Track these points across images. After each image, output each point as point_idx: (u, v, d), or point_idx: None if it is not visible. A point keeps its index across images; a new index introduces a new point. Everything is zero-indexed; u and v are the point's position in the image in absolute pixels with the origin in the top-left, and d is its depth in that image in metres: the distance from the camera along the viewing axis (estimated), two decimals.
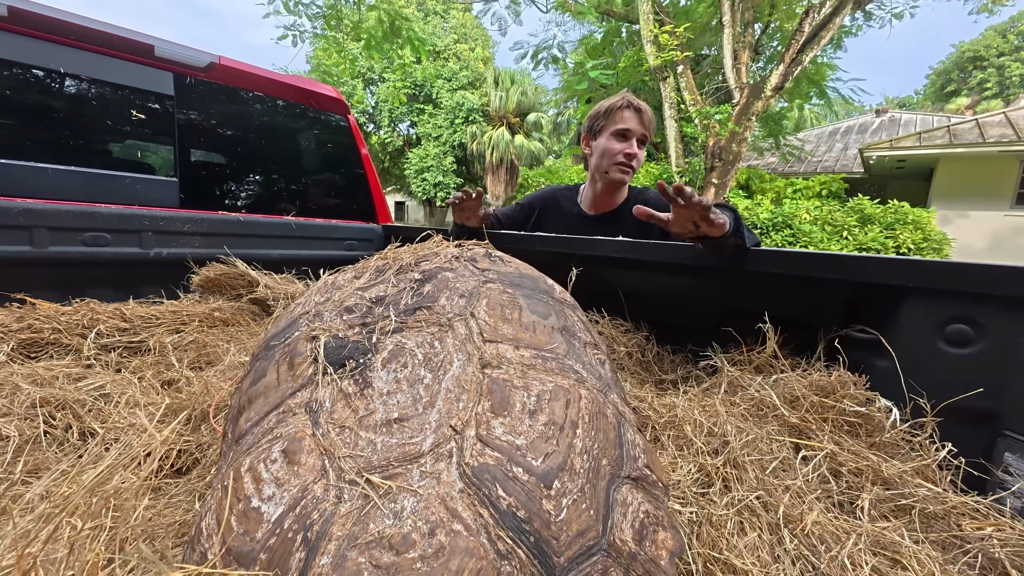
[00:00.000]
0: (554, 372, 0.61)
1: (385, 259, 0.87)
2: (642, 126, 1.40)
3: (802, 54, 8.31)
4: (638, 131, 1.40)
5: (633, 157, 1.40)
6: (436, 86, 27.01)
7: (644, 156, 1.46)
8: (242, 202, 1.74)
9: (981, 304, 0.68)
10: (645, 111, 1.40)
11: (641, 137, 1.41)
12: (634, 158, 1.41)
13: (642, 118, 1.39)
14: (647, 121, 1.40)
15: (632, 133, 1.40)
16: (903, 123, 15.80)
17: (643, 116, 1.40)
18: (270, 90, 1.76)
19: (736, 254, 0.93)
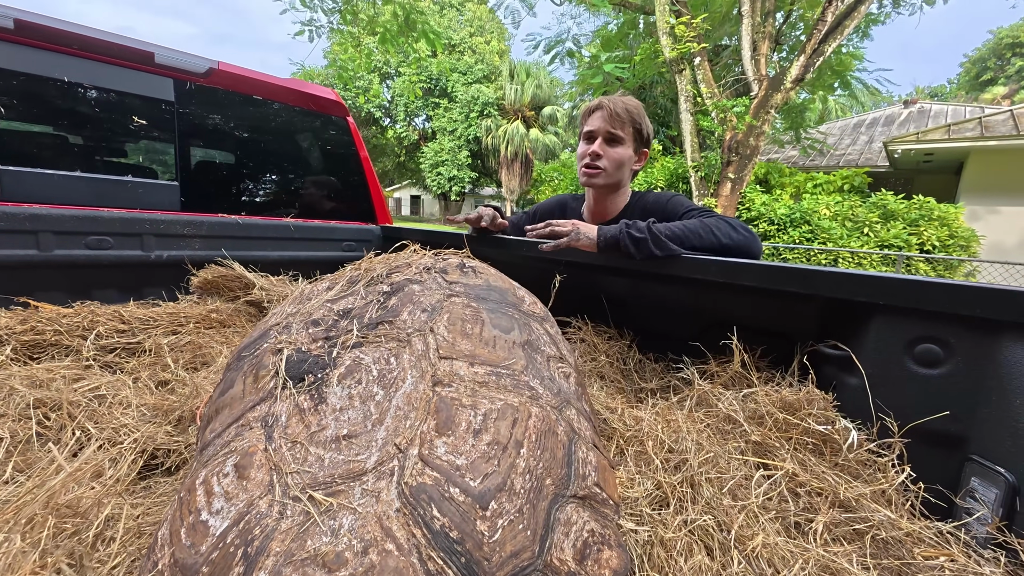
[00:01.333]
0: (506, 390, 0.61)
1: (359, 269, 0.88)
2: (608, 123, 1.32)
3: (825, 44, 8.03)
4: (602, 129, 1.33)
5: (598, 157, 1.33)
6: (451, 80, 27.00)
7: (625, 153, 1.35)
8: (242, 205, 1.78)
9: (949, 324, 0.66)
10: (613, 106, 1.32)
11: (608, 135, 1.33)
12: (599, 158, 1.33)
13: (605, 114, 1.32)
14: (614, 115, 1.31)
15: (596, 133, 1.35)
16: (933, 114, 15.18)
17: (607, 112, 1.32)
18: (269, 94, 1.80)
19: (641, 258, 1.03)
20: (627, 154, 1.37)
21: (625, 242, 1.05)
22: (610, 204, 1.47)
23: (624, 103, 1.35)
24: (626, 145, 1.36)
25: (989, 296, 0.62)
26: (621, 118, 1.33)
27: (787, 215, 8.73)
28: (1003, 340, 0.62)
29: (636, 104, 1.39)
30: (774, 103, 8.43)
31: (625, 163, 1.37)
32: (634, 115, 1.36)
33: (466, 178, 28.02)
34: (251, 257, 1.73)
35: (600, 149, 1.35)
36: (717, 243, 1.05)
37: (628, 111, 1.34)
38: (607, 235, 1.09)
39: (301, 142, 1.95)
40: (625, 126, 1.35)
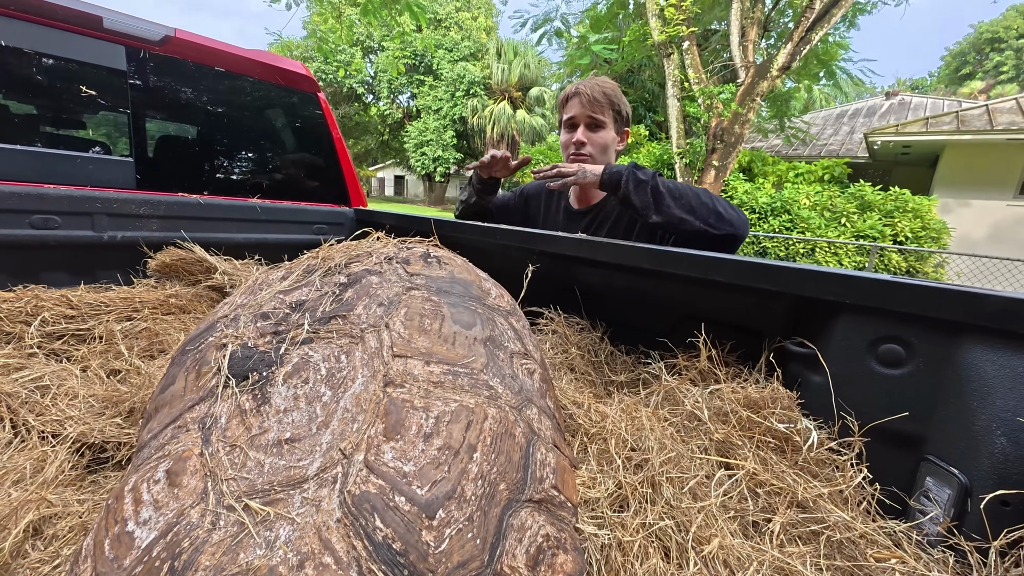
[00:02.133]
0: (463, 390, 0.59)
1: (316, 258, 0.84)
2: (588, 108, 1.30)
3: (812, 32, 8.03)
4: (582, 115, 1.32)
5: (582, 145, 1.33)
6: (437, 56, 26.26)
7: (608, 137, 1.33)
8: (203, 184, 1.68)
9: (912, 324, 0.66)
10: (590, 92, 1.30)
11: (589, 121, 1.32)
12: (584, 145, 1.32)
13: (583, 100, 1.30)
14: (592, 100, 1.29)
15: (577, 120, 1.33)
16: (913, 107, 15.44)
17: (585, 98, 1.30)
18: (232, 65, 1.69)
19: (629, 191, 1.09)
20: (610, 137, 1.36)
21: (627, 180, 1.08)
22: (593, 191, 1.45)
23: (600, 86, 1.33)
24: (608, 128, 1.35)
25: (951, 298, 0.62)
26: (600, 102, 1.31)
27: (768, 204, 8.84)
28: (963, 342, 0.62)
29: (612, 85, 1.36)
30: (760, 91, 8.44)
31: (609, 146, 1.36)
32: (611, 97, 1.34)
33: (451, 159, 27.55)
34: (214, 239, 1.65)
35: (584, 136, 1.34)
36: (714, 209, 1.08)
37: (605, 94, 1.32)
38: (611, 171, 1.12)
39: (268, 118, 1.85)
40: (605, 109, 1.33)
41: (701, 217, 1.09)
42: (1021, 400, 0.56)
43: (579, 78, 13.75)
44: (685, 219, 1.09)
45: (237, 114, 1.77)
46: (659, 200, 1.10)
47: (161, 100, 1.61)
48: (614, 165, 1.13)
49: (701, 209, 1.10)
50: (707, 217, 1.09)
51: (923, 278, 0.68)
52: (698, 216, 1.09)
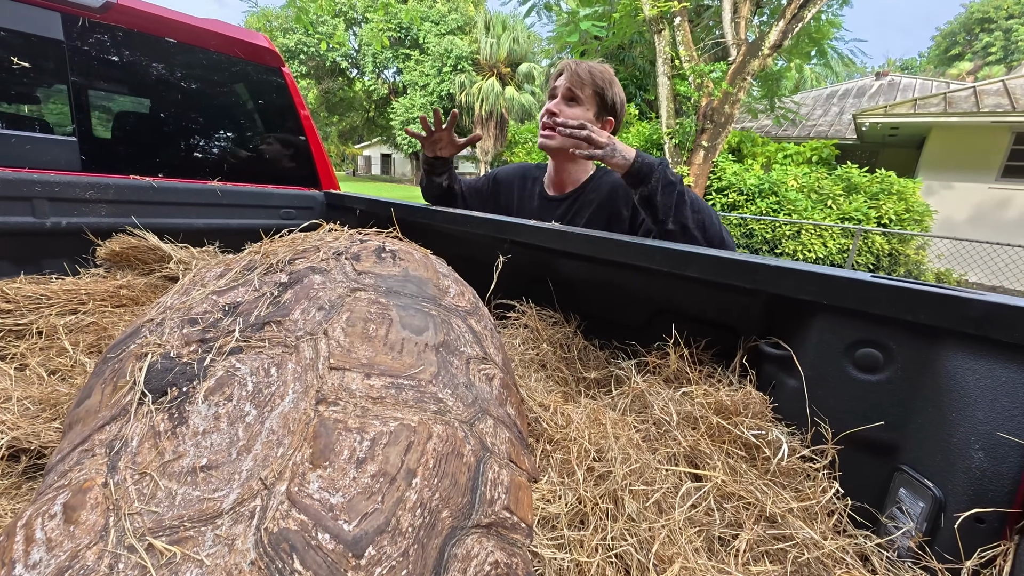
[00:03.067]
0: (406, 405, 0.54)
1: (258, 252, 0.77)
2: (568, 82, 1.25)
3: (805, 9, 7.87)
4: (562, 87, 1.26)
5: (552, 115, 1.25)
6: (423, 30, 25.35)
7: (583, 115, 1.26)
8: (158, 166, 1.57)
9: (891, 328, 0.62)
10: (577, 68, 1.25)
11: (567, 94, 1.26)
12: (554, 116, 1.25)
13: (569, 75, 1.25)
14: (577, 75, 1.24)
15: (556, 91, 1.27)
16: (902, 87, 15.42)
17: (571, 72, 1.25)
18: (185, 36, 1.56)
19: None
20: (585, 116, 1.27)
21: (659, 178, 1.00)
22: (569, 175, 1.38)
23: (589, 66, 1.27)
24: (584, 107, 1.28)
25: (932, 301, 0.58)
26: (582, 79, 1.25)
27: (756, 186, 8.82)
28: (942, 349, 0.58)
29: (604, 69, 1.30)
30: (751, 69, 8.31)
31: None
32: (596, 78, 1.27)
33: None
34: (171, 226, 1.55)
35: (556, 107, 1.27)
36: (719, 233, 1.05)
37: (591, 73, 1.26)
38: (644, 161, 1.03)
39: (227, 94, 1.73)
40: (585, 87, 1.27)
41: (708, 238, 1.04)
42: (1001, 413, 0.53)
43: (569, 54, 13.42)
44: (695, 237, 1.03)
45: (192, 90, 1.65)
46: (681, 208, 1.02)
47: (105, 74, 1.48)
48: (647, 155, 1.04)
49: (711, 230, 1.05)
50: (712, 240, 1.05)
51: (903, 278, 0.63)
52: (707, 236, 1.04)
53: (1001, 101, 8.86)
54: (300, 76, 28.88)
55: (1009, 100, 8.80)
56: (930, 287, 0.59)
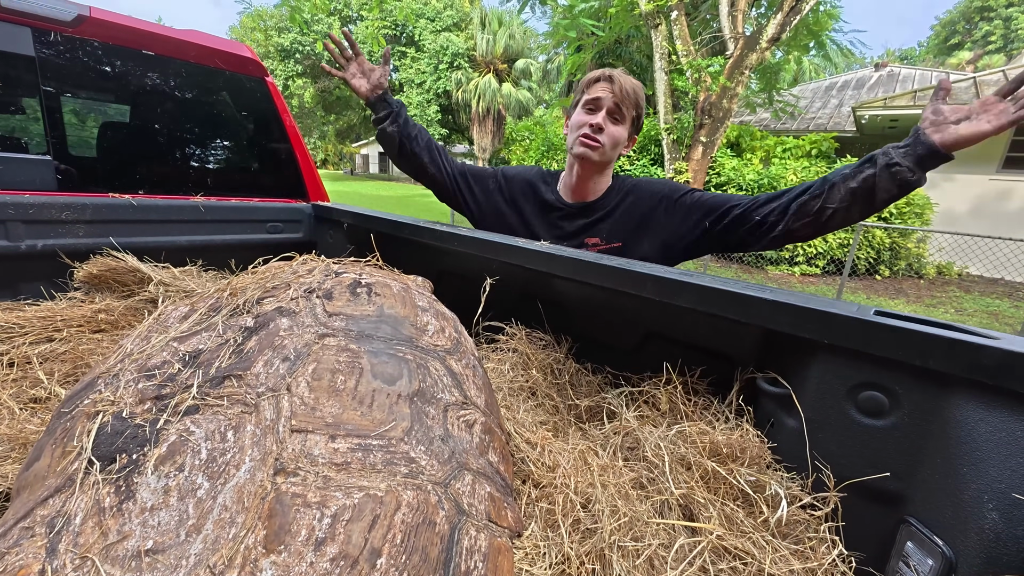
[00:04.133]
0: (374, 471, 0.50)
1: (226, 290, 0.73)
2: (617, 98, 1.22)
3: (802, 2, 7.78)
4: (608, 101, 1.23)
5: (600, 130, 1.23)
6: (418, 27, 25.20)
7: (623, 134, 1.26)
8: (137, 182, 1.53)
9: (896, 371, 0.58)
10: (623, 82, 1.23)
11: (614, 110, 1.23)
12: (601, 131, 1.23)
13: (615, 88, 1.22)
14: (624, 92, 1.22)
15: (602, 103, 1.24)
16: (902, 79, 15.29)
17: (617, 86, 1.22)
18: (163, 48, 1.51)
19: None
20: (623, 135, 1.27)
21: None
22: (595, 184, 1.34)
23: (632, 83, 1.25)
24: (625, 125, 1.27)
25: (942, 346, 0.53)
26: (629, 96, 1.24)
27: (755, 181, 8.76)
28: (953, 397, 0.54)
29: (640, 87, 1.29)
30: (749, 63, 8.22)
31: (619, 143, 1.28)
32: (638, 95, 1.27)
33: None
34: (153, 244, 1.51)
35: (603, 121, 1.24)
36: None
37: (635, 91, 1.26)
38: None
39: (208, 107, 1.68)
40: (630, 107, 1.26)
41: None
42: (1017, 471, 0.49)
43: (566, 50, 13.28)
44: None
45: (172, 103, 1.60)
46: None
47: (81, 89, 1.43)
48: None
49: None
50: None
51: (911, 316, 0.59)
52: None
53: None
54: (296, 75, 28.74)
55: None
56: (940, 330, 0.55)
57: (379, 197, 20.61)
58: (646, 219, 1.29)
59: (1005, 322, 6.18)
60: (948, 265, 8.81)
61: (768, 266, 8.61)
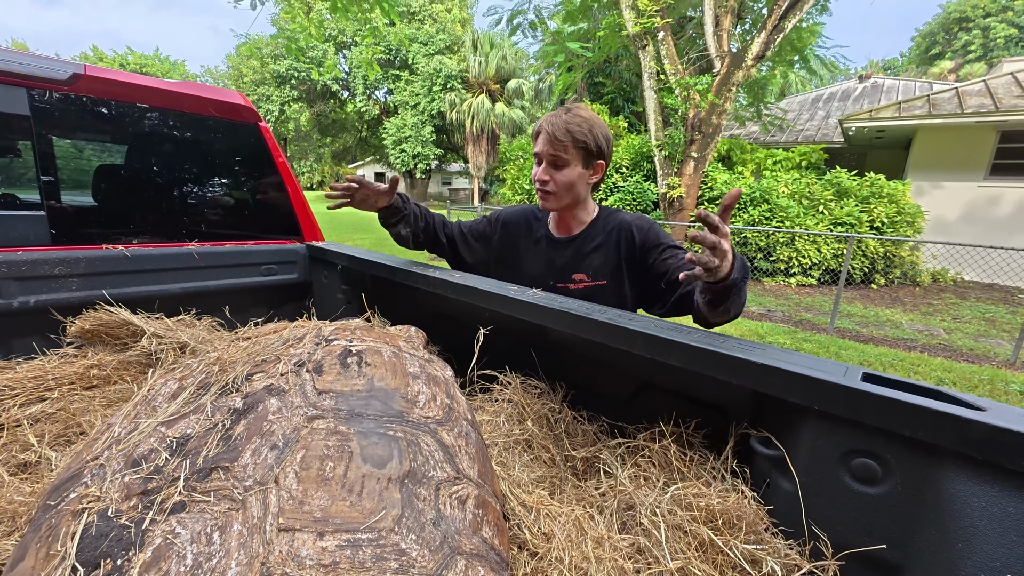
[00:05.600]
0: (363, 569, 0.49)
1: (215, 364, 0.73)
2: (550, 147, 1.26)
3: (785, 20, 7.99)
4: (545, 153, 1.28)
5: (545, 182, 1.29)
6: (412, 51, 25.71)
7: (572, 174, 1.28)
8: (131, 232, 1.54)
9: (887, 440, 0.58)
10: (554, 130, 1.25)
11: (551, 159, 1.28)
12: (547, 182, 1.29)
13: (548, 139, 1.26)
14: (555, 139, 1.25)
15: (541, 155, 1.30)
16: (886, 89, 15.62)
17: (550, 136, 1.26)
18: (158, 100, 1.53)
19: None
20: (574, 174, 1.29)
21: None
22: (574, 219, 1.40)
23: (566, 123, 1.26)
24: (572, 165, 1.29)
25: (928, 419, 0.54)
26: (562, 141, 1.26)
27: (747, 194, 8.84)
28: (944, 468, 0.54)
29: (582, 119, 1.27)
30: (736, 80, 8.40)
31: (575, 182, 1.29)
32: (576, 134, 1.25)
33: (431, 155, 27.15)
34: (147, 293, 1.52)
35: (545, 174, 1.29)
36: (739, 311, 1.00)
37: (569, 132, 1.25)
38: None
39: (203, 155, 1.70)
40: (568, 148, 1.27)
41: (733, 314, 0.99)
42: (1011, 550, 0.48)
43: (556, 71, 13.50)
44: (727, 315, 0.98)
45: (168, 153, 1.62)
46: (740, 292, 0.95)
47: (76, 144, 1.46)
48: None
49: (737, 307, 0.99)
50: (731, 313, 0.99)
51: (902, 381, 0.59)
52: (731, 313, 0.99)
53: (984, 101, 8.96)
54: (292, 100, 29.19)
55: (992, 100, 8.90)
56: (928, 399, 0.55)
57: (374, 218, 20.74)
58: (625, 262, 1.32)
59: (1002, 328, 6.20)
60: (943, 272, 8.86)
61: (764, 278, 8.65)
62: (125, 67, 39.90)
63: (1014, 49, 30.53)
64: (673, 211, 9.26)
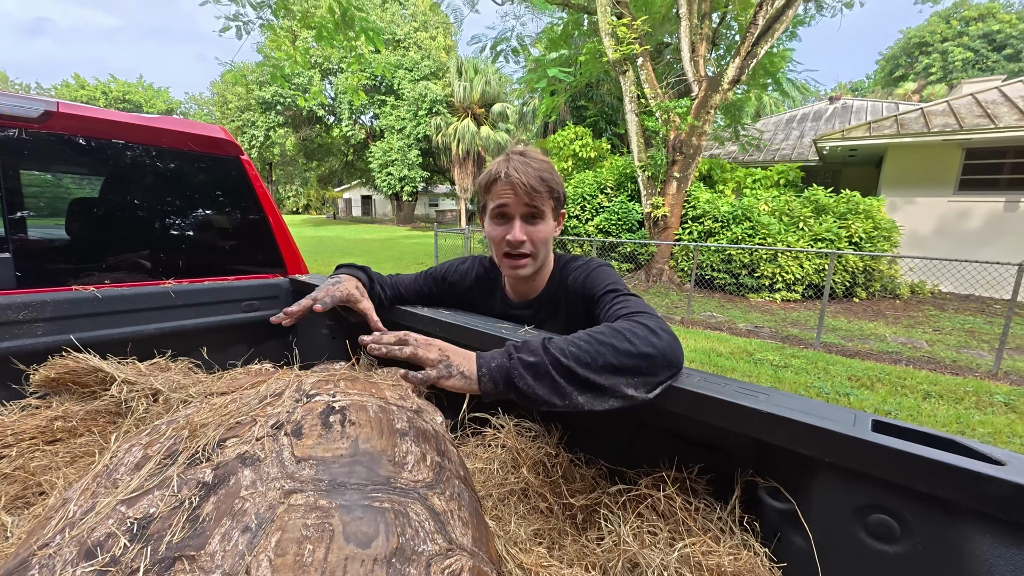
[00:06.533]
0: None
1: (184, 429, 0.67)
2: (526, 198, 1.02)
3: (757, 47, 8.33)
4: (518, 207, 1.04)
5: (521, 243, 1.05)
6: (397, 76, 26.13)
7: (548, 227, 1.08)
8: (103, 272, 1.47)
9: (902, 495, 0.55)
10: (521, 176, 1.02)
11: (526, 212, 1.05)
12: (523, 244, 1.06)
13: (517, 188, 1.02)
14: (528, 187, 1.01)
15: (510, 210, 1.05)
16: (855, 110, 16.28)
17: (518, 184, 1.01)
18: (134, 136, 1.49)
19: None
20: (549, 227, 1.10)
21: (516, 372, 0.74)
22: (535, 282, 1.21)
23: (535, 170, 1.04)
24: (547, 218, 1.09)
25: (945, 474, 0.51)
26: (538, 190, 1.03)
27: (730, 212, 9.03)
28: (965, 528, 0.51)
29: (545, 164, 1.08)
30: (714, 103, 8.68)
31: (549, 237, 1.11)
32: (548, 180, 1.05)
33: (417, 177, 27.34)
34: (119, 336, 1.44)
35: (522, 233, 1.05)
36: (634, 351, 0.74)
37: (542, 178, 1.04)
38: (492, 369, 0.76)
39: (182, 190, 1.65)
40: (544, 198, 1.06)
41: (630, 370, 0.74)
42: None
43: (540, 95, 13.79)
44: (613, 385, 0.73)
45: (144, 189, 1.57)
46: (570, 374, 0.73)
47: (46, 183, 1.40)
48: (490, 358, 0.78)
49: (617, 356, 0.74)
50: (638, 368, 0.74)
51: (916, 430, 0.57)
52: (625, 371, 0.74)
53: (949, 120, 9.38)
54: (277, 125, 29.29)
55: (955, 119, 9.32)
56: (943, 453, 0.52)
57: (362, 240, 20.66)
58: (573, 318, 1.15)
59: (982, 339, 6.33)
60: (921, 284, 9.09)
61: (750, 294, 8.76)
62: (108, 94, 39.69)
63: (971, 71, 32.31)
64: (658, 229, 9.40)
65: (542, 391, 0.73)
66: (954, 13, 34.87)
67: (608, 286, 1.03)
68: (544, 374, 0.74)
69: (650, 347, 0.75)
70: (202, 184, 1.71)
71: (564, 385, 0.73)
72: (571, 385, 0.73)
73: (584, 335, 0.78)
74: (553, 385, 0.73)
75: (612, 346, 0.75)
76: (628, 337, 0.76)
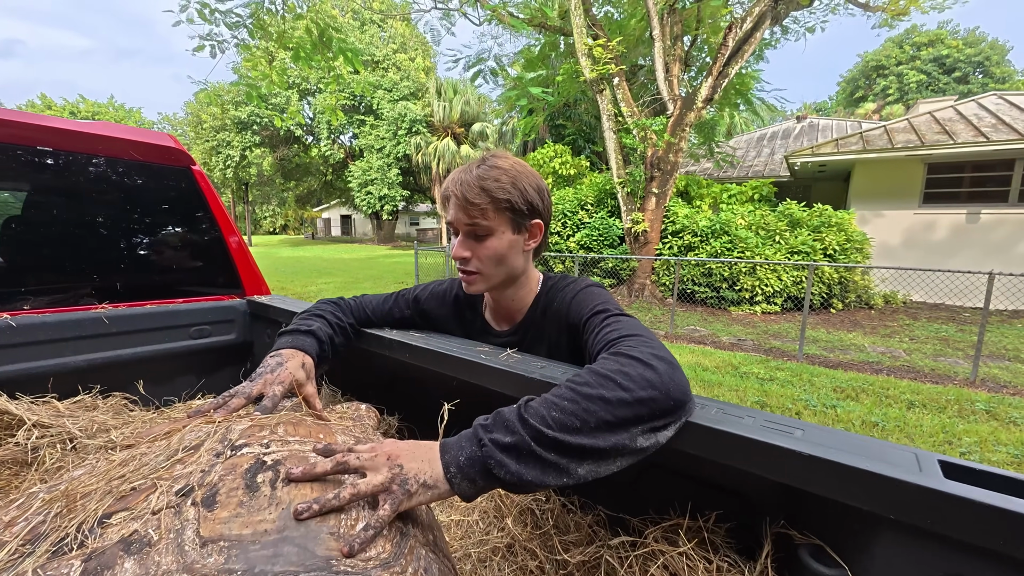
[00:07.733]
0: None
1: (62, 498, 0.51)
2: (465, 214, 0.96)
3: (728, 67, 8.60)
4: (461, 222, 0.97)
5: (466, 260, 0.99)
6: (376, 97, 26.21)
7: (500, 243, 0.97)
8: (25, 296, 1.29)
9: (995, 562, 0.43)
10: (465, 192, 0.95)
11: (470, 228, 0.97)
12: (467, 261, 0.99)
13: (460, 204, 0.96)
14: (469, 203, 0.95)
15: (456, 225, 0.99)
16: (821, 128, 16.97)
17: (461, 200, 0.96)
18: (72, 144, 1.33)
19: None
20: (503, 242, 0.98)
21: (495, 464, 0.58)
22: (514, 303, 1.09)
23: (479, 180, 0.95)
24: (498, 233, 0.98)
25: None
26: (476, 204, 0.94)
27: (708, 227, 9.15)
28: None
29: (501, 171, 0.96)
30: (689, 121, 8.87)
31: (506, 255, 0.99)
32: (494, 192, 0.94)
33: (397, 196, 27.21)
34: (38, 370, 1.25)
35: (465, 249, 0.99)
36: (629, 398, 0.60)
37: (485, 190, 0.94)
38: (462, 464, 0.60)
39: (122, 203, 1.48)
40: (487, 212, 0.95)
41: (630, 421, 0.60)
42: None
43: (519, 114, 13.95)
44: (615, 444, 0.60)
45: (78, 203, 1.39)
46: (560, 446, 0.59)
47: None
48: (456, 449, 0.62)
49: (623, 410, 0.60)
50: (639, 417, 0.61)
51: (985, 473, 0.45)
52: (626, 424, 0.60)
53: (911, 137, 9.80)
54: (254, 145, 28.88)
55: (916, 136, 9.75)
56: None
57: (341, 260, 20.23)
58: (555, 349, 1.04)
59: (956, 347, 6.45)
60: (893, 294, 9.32)
61: (731, 307, 8.81)
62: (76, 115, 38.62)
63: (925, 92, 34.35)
64: (639, 245, 9.45)
65: (531, 475, 0.59)
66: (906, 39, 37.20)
67: (595, 307, 0.91)
68: (528, 454, 0.59)
69: (647, 387, 0.61)
70: (147, 197, 1.54)
71: (556, 460, 0.59)
72: (564, 458, 0.59)
73: (567, 391, 0.64)
74: (542, 465, 0.59)
75: (602, 398, 0.61)
76: (619, 382, 0.62)
